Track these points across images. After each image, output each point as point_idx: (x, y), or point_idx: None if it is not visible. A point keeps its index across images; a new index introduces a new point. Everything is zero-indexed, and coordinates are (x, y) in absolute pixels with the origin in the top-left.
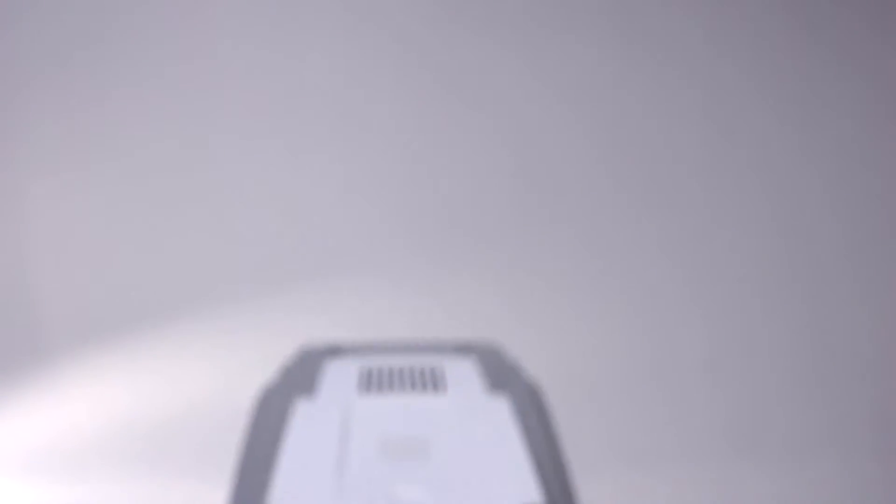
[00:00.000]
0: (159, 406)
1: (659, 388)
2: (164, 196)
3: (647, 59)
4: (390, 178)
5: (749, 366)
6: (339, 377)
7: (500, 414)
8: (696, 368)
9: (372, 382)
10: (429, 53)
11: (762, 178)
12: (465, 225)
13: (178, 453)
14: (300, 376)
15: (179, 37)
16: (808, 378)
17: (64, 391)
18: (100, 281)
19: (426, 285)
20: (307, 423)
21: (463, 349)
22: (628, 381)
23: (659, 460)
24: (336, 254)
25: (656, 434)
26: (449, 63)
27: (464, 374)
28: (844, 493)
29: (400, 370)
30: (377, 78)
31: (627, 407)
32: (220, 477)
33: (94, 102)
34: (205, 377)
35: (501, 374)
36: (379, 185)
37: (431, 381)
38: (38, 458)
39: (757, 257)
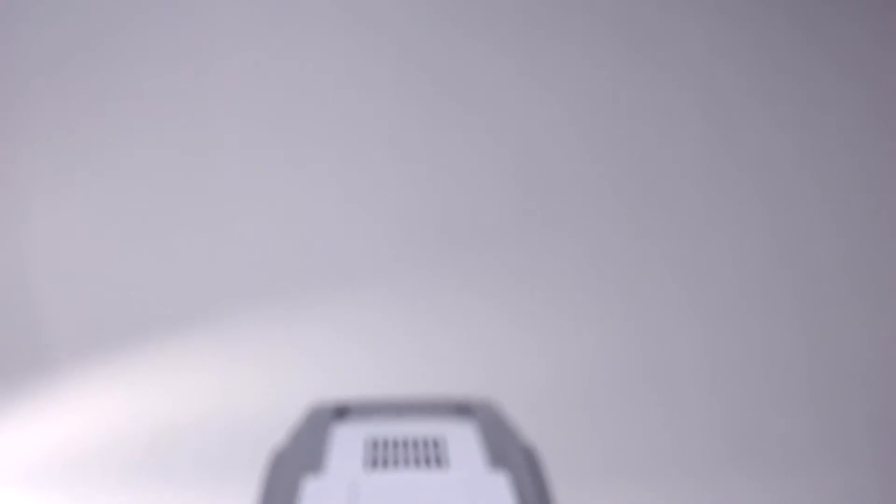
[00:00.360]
0: (159, 417)
1: (655, 396)
2: (163, 205)
3: (647, 64)
4: (390, 184)
5: (746, 373)
6: (345, 449)
7: (500, 492)
8: (693, 376)
9: (378, 457)
10: (428, 59)
11: (761, 184)
12: (464, 230)
13: (177, 464)
14: (309, 446)
15: (179, 42)
16: (805, 385)
17: (65, 402)
18: (100, 291)
19: (426, 292)
20: None
21: (463, 410)
22: (625, 388)
23: (655, 468)
24: (337, 262)
25: (652, 441)
26: (449, 68)
27: (465, 446)
28: (842, 501)
29: (404, 442)
30: (377, 83)
31: (623, 414)
32: (218, 487)
33: (95, 108)
34: (205, 388)
35: (500, 443)
36: (379, 192)
37: (434, 456)
38: (38, 468)
39: (755, 264)
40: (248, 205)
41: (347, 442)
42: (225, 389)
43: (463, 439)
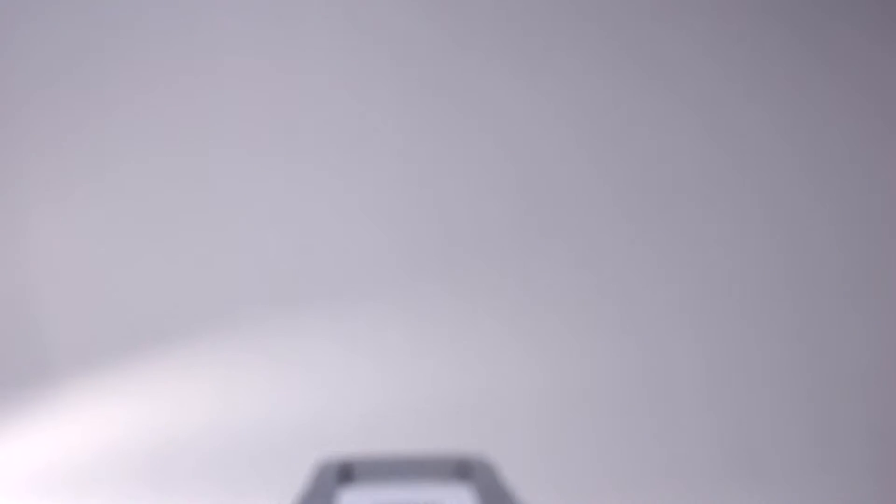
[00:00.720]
0: (160, 428)
1: (654, 405)
2: (165, 220)
3: (646, 74)
4: (393, 195)
5: (744, 384)
6: None
7: None
8: (692, 386)
9: None
10: (431, 69)
11: (760, 193)
12: (466, 239)
13: (177, 474)
14: None
15: (181, 51)
16: (802, 396)
17: (65, 413)
18: (102, 302)
19: (428, 302)
20: None
21: (462, 471)
22: (624, 398)
23: (653, 477)
24: (339, 273)
25: (650, 450)
26: (451, 79)
27: None
28: None
29: None
30: (380, 96)
31: (622, 424)
32: (218, 498)
33: (96, 118)
34: (205, 398)
35: None
36: (382, 202)
37: None
38: (39, 478)
39: (754, 274)
40: (251, 217)
41: None
42: (226, 400)
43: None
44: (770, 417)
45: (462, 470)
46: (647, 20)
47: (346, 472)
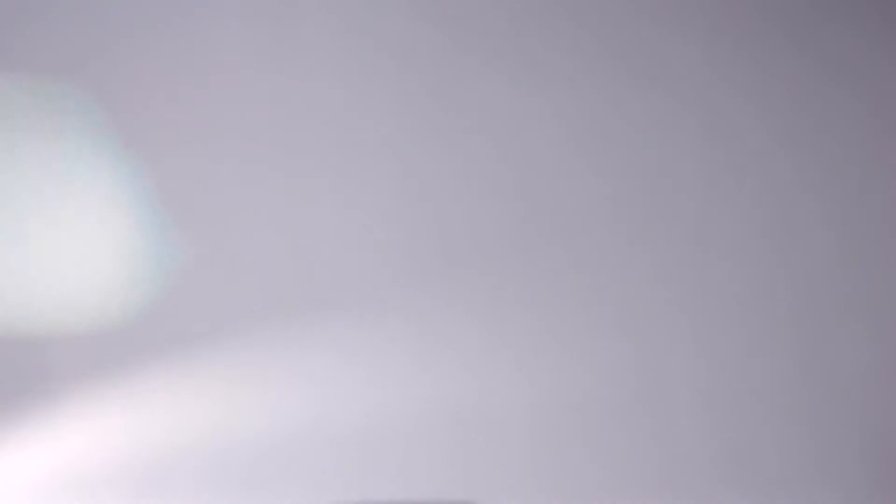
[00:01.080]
0: (159, 438)
1: (651, 416)
2: (165, 223)
3: (646, 81)
4: (390, 203)
5: (741, 397)
6: None
7: None
8: (688, 399)
9: None
10: (428, 75)
11: (760, 199)
12: (464, 248)
13: (177, 485)
14: None
15: (180, 57)
16: (803, 402)
17: (65, 424)
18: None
19: (425, 313)
20: None
21: None
22: (621, 409)
23: (649, 489)
24: (336, 283)
25: (647, 462)
26: (448, 85)
27: None
28: None
29: None
30: (376, 101)
31: (619, 435)
32: None
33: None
34: (204, 409)
35: None
36: (379, 211)
37: None
38: (38, 488)
39: (754, 286)
40: (247, 225)
41: None
42: (225, 410)
43: None
44: (769, 422)
45: None
46: (646, 24)
47: None
